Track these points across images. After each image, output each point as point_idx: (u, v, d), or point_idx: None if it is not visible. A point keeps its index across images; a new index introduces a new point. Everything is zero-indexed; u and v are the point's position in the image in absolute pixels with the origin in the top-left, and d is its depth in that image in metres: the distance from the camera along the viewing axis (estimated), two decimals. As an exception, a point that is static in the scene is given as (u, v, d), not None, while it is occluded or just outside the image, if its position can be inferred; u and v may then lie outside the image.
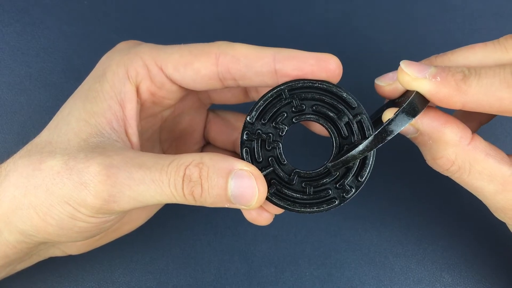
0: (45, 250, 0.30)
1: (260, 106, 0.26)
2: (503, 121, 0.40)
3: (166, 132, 0.33)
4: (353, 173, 0.26)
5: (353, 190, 0.26)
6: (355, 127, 0.26)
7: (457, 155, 0.25)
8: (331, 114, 0.26)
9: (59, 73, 0.41)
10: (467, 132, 0.25)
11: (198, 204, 0.24)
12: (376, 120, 0.28)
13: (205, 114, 0.34)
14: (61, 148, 0.25)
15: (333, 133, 0.26)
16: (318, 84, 0.26)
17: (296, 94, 0.26)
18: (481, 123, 0.32)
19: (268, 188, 0.25)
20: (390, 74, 0.27)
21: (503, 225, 0.29)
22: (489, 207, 0.27)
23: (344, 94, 0.26)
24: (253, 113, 0.26)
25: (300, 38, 0.43)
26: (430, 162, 0.27)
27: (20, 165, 0.25)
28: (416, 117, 0.24)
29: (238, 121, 0.33)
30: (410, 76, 0.24)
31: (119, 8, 0.43)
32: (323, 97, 0.26)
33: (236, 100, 0.32)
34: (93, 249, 0.32)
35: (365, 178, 0.26)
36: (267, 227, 0.37)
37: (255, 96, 0.31)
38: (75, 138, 0.25)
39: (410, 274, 0.36)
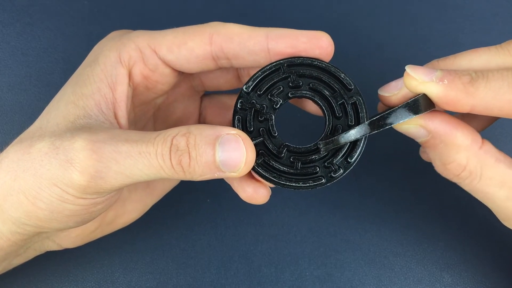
0: (40, 242, 0.30)
1: (257, 77, 0.26)
2: (503, 121, 0.40)
3: (161, 122, 0.33)
4: (342, 153, 0.26)
5: (341, 171, 0.26)
6: (349, 108, 0.26)
7: (469, 159, 0.25)
8: (327, 93, 0.26)
9: (59, 73, 0.41)
10: (478, 136, 0.25)
11: (187, 176, 0.24)
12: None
13: (198, 102, 0.34)
14: (50, 132, 0.25)
15: (327, 112, 0.26)
16: (317, 62, 0.26)
17: (294, 70, 0.26)
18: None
19: (255, 158, 0.25)
20: (393, 83, 0.27)
21: (503, 225, 0.29)
22: (498, 215, 0.27)
23: (342, 75, 0.26)
24: (250, 83, 0.26)
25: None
26: (440, 168, 0.26)
27: (11, 151, 0.25)
28: (417, 116, 0.24)
29: (233, 101, 0.33)
30: (417, 80, 0.24)
31: (119, 8, 0.43)
32: (321, 76, 0.26)
33: (229, 85, 0.32)
34: (91, 246, 0.32)
35: (355, 160, 0.26)
36: (267, 227, 0.37)
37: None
38: (63, 121, 0.25)
39: (410, 274, 0.36)
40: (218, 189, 0.38)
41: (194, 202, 0.38)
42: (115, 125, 0.26)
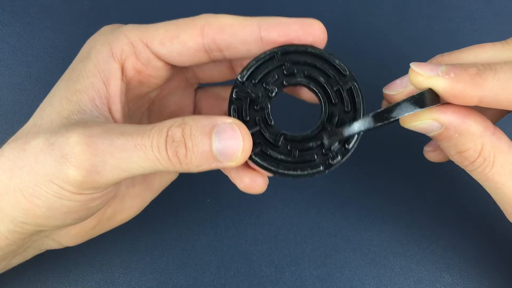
0: (40, 241, 0.30)
1: (252, 66, 0.26)
2: (503, 120, 0.40)
3: (156, 116, 0.33)
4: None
5: (339, 158, 0.26)
6: (345, 94, 0.26)
7: (484, 145, 0.25)
8: (322, 80, 0.26)
9: (59, 73, 0.40)
10: (489, 123, 0.25)
11: (184, 168, 0.24)
12: None
13: (193, 95, 0.34)
14: (44, 128, 0.25)
15: (323, 98, 0.26)
16: (311, 49, 0.26)
17: (288, 58, 0.26)
18: None
19: (252, 148, 0.25)
20: (398, 81, 0.27)
21: (503, 225, 0.29)
22: (504, 209, 0.27)
23: (337, 61, 0.26)
24: (244, 72, 0.26)
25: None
26: (455, 157, 0.26)
27: (6, 150, 0.25)
28: (423, 110, 0.24)
29: (227, 92, 0.33)
30: (423, 76, 0.24)
31: (119, 8, 0.43)
32: (315, 63, 0.26)
33: (223, 77, 0.32)
34: (91, 246, 0.32)
35: (352, 147, 0.26)
36: (267, 227, 0.37)
37: None
38: (57, 117, 0.25)
39: (410, 274, 0.36)
40: (218, 189, 0.38)
41: (194, 202, 0.38)
42: (109, 120, 0.26)
